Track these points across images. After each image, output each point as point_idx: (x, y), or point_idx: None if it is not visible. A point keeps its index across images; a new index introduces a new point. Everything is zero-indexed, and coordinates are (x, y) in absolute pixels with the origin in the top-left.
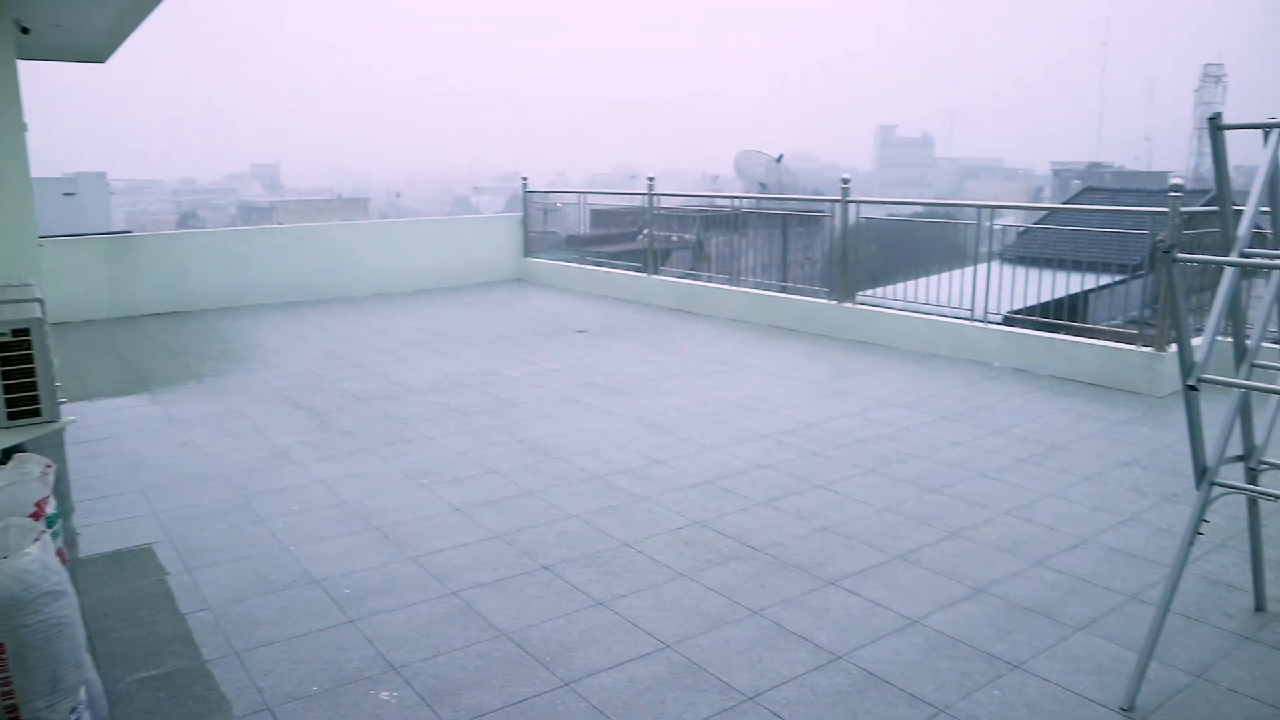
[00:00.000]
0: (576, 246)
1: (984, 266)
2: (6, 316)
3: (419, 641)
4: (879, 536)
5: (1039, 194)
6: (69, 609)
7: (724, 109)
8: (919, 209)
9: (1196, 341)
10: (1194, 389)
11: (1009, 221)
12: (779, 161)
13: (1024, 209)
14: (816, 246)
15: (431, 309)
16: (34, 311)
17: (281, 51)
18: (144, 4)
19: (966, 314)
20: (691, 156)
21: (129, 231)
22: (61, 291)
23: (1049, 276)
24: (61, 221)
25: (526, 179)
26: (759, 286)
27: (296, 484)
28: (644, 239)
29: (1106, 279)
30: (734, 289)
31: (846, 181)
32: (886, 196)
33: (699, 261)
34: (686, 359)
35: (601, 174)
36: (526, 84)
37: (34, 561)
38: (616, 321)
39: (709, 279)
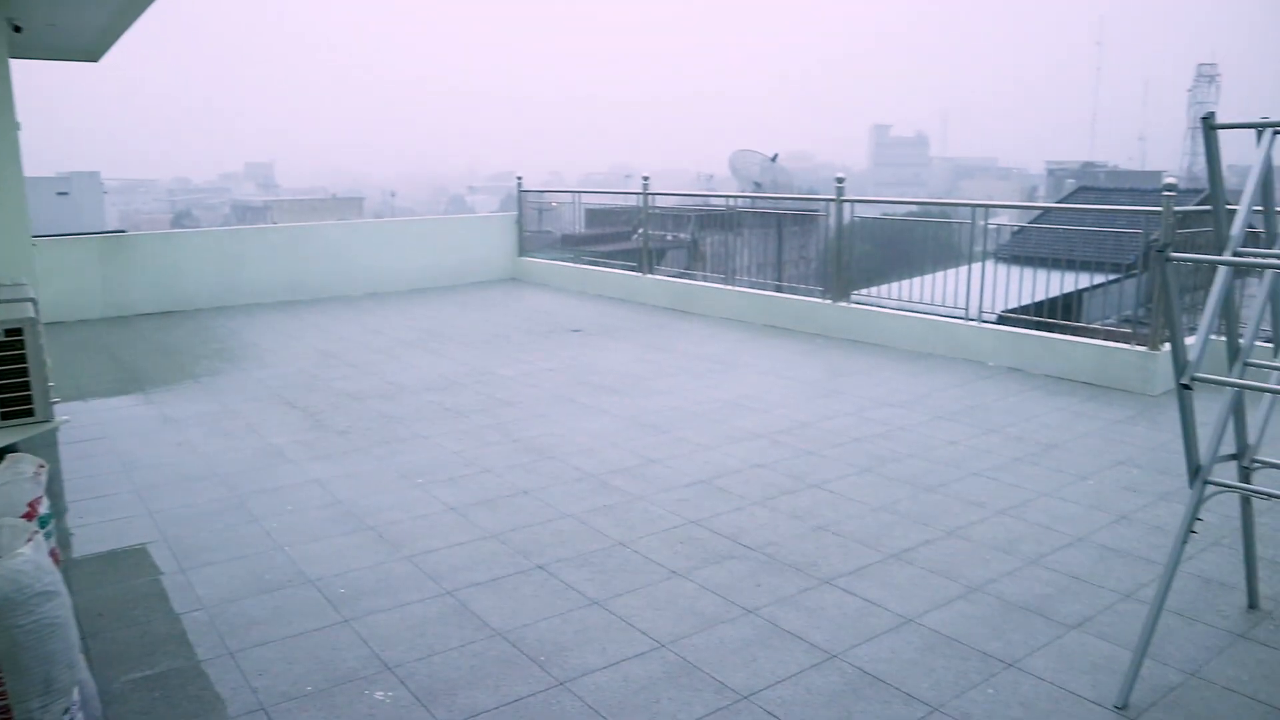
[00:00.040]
0: (571, 246)
1: (978, 266)
2: None
3: (414, 641)
4: (874, 535)
5: (1033, 193)
6: (62, 609)
7: (724, 109)
8: (914, 208)
9: (1190, 340)
10: (1188, 388)
11: (1003, 221)
12: (774, 161)
13: (1018, 208)
14: (811, 246)
15: (426, 308)
16: (27, 311)
17: (281, 51)
18: (138, 2)
19: (961, 313)
20: (691, 156)
21: (123, 231)
22: (55, 291)
23: (1043, 276)
24: (55, 221)
25: (521, 178)
26: (754, 286)
27: (291, 484)
28: (639, 238)
29: (1100, 278)
30: (729, 288)
31: (841, 181)
32: (881, 196)
33: (694, 261)
34: (681, 358)
35: (596, 173)
36: (526, 84)
37: (27, 562)
38: (611, 321)
39: (704, 278)
